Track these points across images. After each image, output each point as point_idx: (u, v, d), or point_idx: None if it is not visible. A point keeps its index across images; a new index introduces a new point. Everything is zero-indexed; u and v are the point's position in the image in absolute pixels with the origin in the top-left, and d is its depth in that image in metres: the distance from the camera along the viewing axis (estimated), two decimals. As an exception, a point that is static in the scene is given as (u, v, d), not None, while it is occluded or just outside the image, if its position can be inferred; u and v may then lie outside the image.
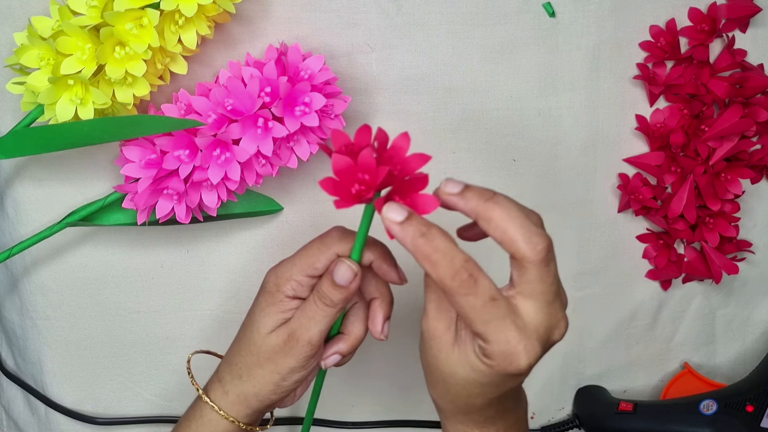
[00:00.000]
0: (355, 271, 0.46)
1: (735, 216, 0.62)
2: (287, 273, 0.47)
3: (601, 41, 0.60)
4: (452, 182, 0.40)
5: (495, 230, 0.39)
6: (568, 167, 0.62)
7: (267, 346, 0.48)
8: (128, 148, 0.52)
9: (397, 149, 0.41)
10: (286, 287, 0.47)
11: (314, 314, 0.46)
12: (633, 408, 0.62)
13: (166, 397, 0.64)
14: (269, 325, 0.48)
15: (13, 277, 0.62)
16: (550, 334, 0.40)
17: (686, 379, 0.65)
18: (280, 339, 0.47)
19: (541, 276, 0.39)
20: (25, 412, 0.66)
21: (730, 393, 0.61)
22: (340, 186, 0.39)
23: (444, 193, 0.40)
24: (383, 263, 0.47)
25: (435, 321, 0.42)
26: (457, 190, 0.40)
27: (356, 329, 0.49)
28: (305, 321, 0.47)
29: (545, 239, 0.39)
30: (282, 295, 0.48)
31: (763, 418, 0.59)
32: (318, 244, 0.47)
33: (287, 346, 0.47)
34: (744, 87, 0.59)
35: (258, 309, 0.49)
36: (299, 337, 0.47)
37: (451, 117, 0.60)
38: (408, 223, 0.39)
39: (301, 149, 0.54)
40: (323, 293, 0.46)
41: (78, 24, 0.48)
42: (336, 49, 0.58)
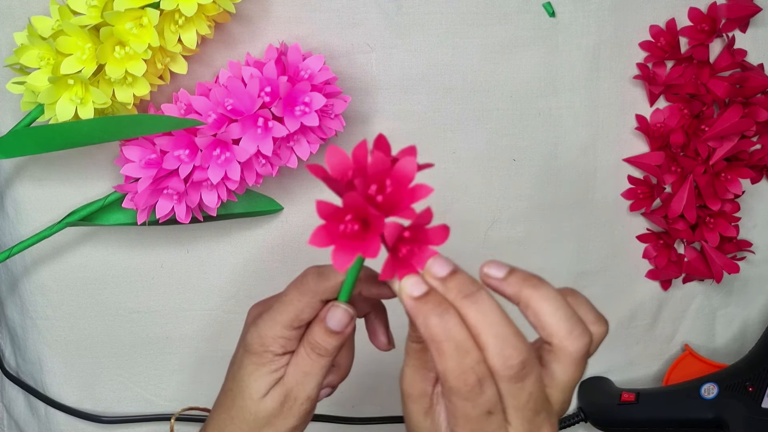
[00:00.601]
0: (352, 314, 0.42)
1: (735, 216, 0.62)
2: (271, 331, 0.42)
3: (601, 41, 0.60)
4: (496, 266, 0.37)
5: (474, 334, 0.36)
6: (568, 167, 0.62)
7: (263, 411, 0.43)
8: (128, 148, 0.52)
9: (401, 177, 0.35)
10: (274, 346, 0.43)
11: (310, 369, 0.42)
12: (635, 398, 0.62)
13: (166, 397, 0.64)
14: (262, 389, 0.43)
15: (13, 277, 0.62)
16: None
17: (687, 362, 0.65)
18: (276, 402, 0.43)
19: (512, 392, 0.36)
20: (26, 412, 0.66)
21: (730, 374, 0.61)
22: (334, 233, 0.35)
23: (487, 276, 0.37)
24: (371, 286, 0.44)
25: (409, 386, 0.39)
26: (501, 275, 0.37)
27: (345, 360, 0.47)
28: (301, 377, 0.43)
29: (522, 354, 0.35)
30: (270, 354, 0.43)
31: (763, 399, 0.59)
32: (296, 294, 0.42)
33: (285, 407, 0.43)
34: (744, 87, 0.59)
35: (245, 373, 0.43)
36: (297, 395, 0.43)
37: (451, 117, 0.60)
38: (425, 300, 0.36)
39: (301, 149, 0.54)
40: (316, 344, 0.42)
41: (78, 24, 0.48)
42: (336, 49, 0.58)
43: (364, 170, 0.35)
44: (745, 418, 0.59)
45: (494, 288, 0.37)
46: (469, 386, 0.35)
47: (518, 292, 0.37)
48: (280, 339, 0.43)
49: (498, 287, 0.37)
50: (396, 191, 0.35)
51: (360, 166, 0.35)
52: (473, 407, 0.35)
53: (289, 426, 0.44)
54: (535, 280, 0.37)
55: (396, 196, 0.35)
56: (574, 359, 0.37)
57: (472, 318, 0.36)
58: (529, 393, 0.36)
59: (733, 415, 0.59)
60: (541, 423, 0.37)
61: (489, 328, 0.35)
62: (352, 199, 0.34)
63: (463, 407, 0.36)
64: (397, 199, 0.35)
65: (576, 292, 0.39)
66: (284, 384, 0.43)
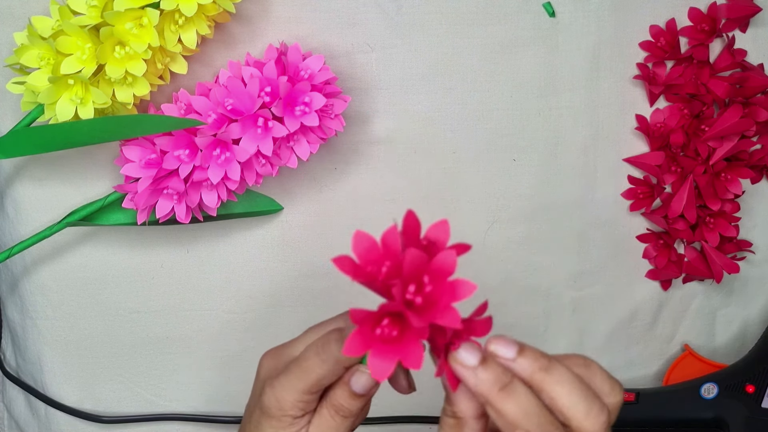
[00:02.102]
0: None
1: (735, 216, 0.62)
2: (290, 396, 0.41)
3: (601, 41, 0.60)
4: (504, 344, 0.36)
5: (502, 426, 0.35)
6: (568, 167, 0.62)
7: None
8: (128, 147, 0.52)
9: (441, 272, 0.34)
10: (293, 410, 0.41)
11: (334, 430, 0.42)
12: (635, 398, 0.62)
13: (166, 397, 0.64)
14: None
15: (13, 277, 0.62)
16: None
17: (687, 362, 0.65)
18: None
19: None
20: (26, 412, 0.66)
21: (730, 374, 0.61)
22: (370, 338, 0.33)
23: (495, 355, 0.36)
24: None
25: None
26: (511, 356, 0.36)
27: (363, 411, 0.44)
28: None
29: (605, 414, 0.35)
30: (290, 418, 0.41)
31: (764, 399, 0.59)
32: (318, 361, 0.41)
33: None
34: (744, 87, 0.59)
35: None
36: None
37: (451, 117, 0.60)
38: (484, 369, 0.35)
39: (301, 149, 0.54)
40: (341, 406, 0.41)
41: (78, 24, 0.48)
42: (336, 49, 0.58)
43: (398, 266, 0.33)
44: (745, 418, 0.59)
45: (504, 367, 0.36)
46: None
47: (530, 376, 0.36)
48: (299, 403, 0.41)
49: (508, 367, 0.36)
50: (436, 288, 0.33)
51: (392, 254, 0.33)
52: None
53: None
54: (545, 361, 0.36)
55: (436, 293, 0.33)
56: None
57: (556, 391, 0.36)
58: None
59: (733, 415, 0.59)
60: None
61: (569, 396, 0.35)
62: (392, 307, 0.32)
63: None
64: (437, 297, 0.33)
65: (588, 361, 0.38)
66: None
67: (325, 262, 0.62)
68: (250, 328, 0.63)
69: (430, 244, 0.34)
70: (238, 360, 0.63)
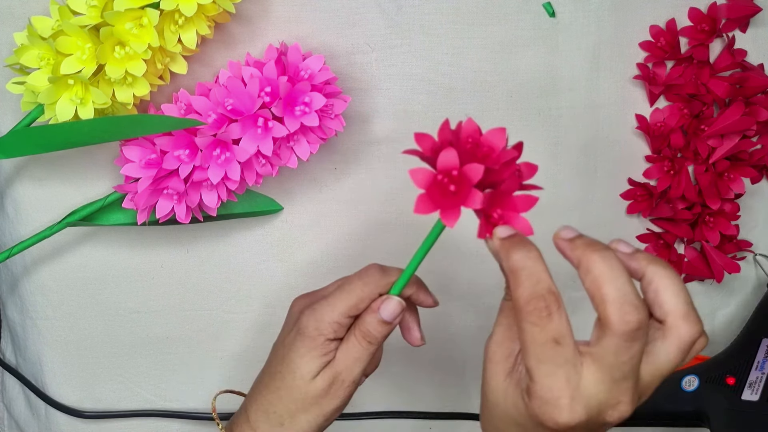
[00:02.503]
0: (404, 306, 0.46)
1: (735, 215, 0.62)
2: (328, 316, 0.46)
3: (601, 41, 0.60)
4: (568, 229, 0.40)
5: (591, 284, 0.37)
6: (568, 167, 0.62)
7: (312, 392, 0.47)
8: (128, 148, 0.52)
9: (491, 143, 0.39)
10: (328, 331, 0.47)
11: (360, 355, 0.47)
12: None
13: (165, 397, 0.64)
14: (313, 370, 0.47)
15: (13, 277, 0.62)
16: (602, 410, 0.37)
17: None
18: (326, 383, 0.47)
19: (617, 348, 0.36)
20: (26, 412, 0.66)
21: (711, 366, 0.61)
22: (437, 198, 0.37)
23: (557, 237, 0.40)
24: (420, 292, 0.48)
25: (496, 345, 0.41)
26: (569, 236, 0.39)
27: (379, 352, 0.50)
28: (351, 363, 0.47)
29: (640, 313, 0.36)
30: (323, 338, 0.47)
31: (744, 391, 0.59)
32: (360, 284, 0.47)
33: (332, 388, 0.47)
34: (744, 87, 0.59)
35: (296, 355, 0.47)
36: (344, 378, 0.47)
37: (451, 117, 0.60)
38: (510, 239, 0.38)
39: (301, 149, 0.54)
40: (368, 332, 0.46)
41: (78, 24, 0.48)
42: (336, 49, 0.58)
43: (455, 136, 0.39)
44: (725, 411, 0.58)
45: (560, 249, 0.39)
46: (537, 309, 0.37)
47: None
48: (335, 324, 0.46)
49: (563, 248, 0.39)
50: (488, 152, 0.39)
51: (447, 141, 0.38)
52: (541, 332, 0.37)
53: (333, 407, 0.48)
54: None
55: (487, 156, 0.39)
56: (681, 342, 0.38)
57: (598, 269, 0.37)
58: (630, 355, 0.37)
59: (713, 407, 0.59)
60: (623, 390, 0.37)
61: (613, 281, 0.37)
62: (450, 156, 0.37)
63: (531, 332, 0.37)
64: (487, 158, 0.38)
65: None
66: (334, 367, 0.47)
67: (325, 261, 0.62)
68: (250, 328, 0.63)
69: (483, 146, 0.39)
70: (238, 360, 0.63)
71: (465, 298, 0.63)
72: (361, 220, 0.61)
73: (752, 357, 0.60)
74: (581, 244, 0.38)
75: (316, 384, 0.47)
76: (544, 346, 0.37)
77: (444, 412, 0.66)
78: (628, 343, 0.36)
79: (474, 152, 0.39)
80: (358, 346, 0.47)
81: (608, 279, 0.37)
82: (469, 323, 0.64)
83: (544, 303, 0.37)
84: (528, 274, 0.37)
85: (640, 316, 0.36)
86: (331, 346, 0.47)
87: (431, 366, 0.65)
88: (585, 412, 0.37)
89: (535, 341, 0.37)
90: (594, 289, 0.37)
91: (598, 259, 0.37)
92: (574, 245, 0.39)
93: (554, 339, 0.37)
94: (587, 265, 0.37)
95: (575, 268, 0.38)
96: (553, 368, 0.37)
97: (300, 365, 0.47)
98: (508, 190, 0.39)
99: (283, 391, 0.47)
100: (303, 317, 0.47)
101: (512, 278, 0.38)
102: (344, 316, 0.46)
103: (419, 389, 0.66)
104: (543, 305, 0.37)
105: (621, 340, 0.36)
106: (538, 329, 0.37)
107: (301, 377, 0.47)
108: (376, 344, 0.47)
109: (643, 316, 0.36)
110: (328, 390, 0.47)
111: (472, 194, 0.37)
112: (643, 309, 0.37)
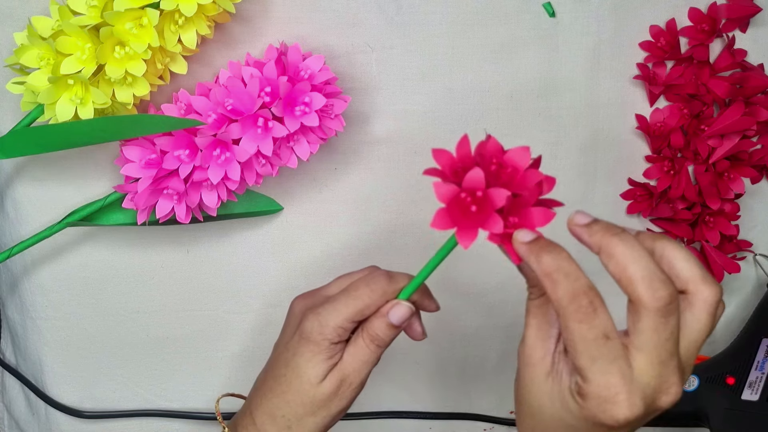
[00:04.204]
0: (413, 311, 0.47)
1: (735, 215, 0.62)
2: (333, 321, 0.46)
3: (601, 41, 0.60)
4: (581, 214, 0.39)
5: (615, 267, 0.37)
6: (568, 167, 0.62)
7: (320, 395, 0.47)
8: (128, 148, 0.52)
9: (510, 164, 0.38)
10: (333, 335, 0.46)
11: (368, 357, 0.47)
12: None
13: (165, 397, 0.64)
14: (319, 374, 0.47)
15: (13, 277, 0.62)
16: (656, 396, 0.37)
17: None
18: (333, 386, 0.47)
19: (656, 326, 0.36)
20: (26, 412, 0.66)
21: (711, 365, 0.61)
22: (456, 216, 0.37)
23: (572, 223, 0.39)
24: (424, 298, 0.49)
25: (531, 348, 0.40)
26: (584, 222, 0.39)
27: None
28: (359, 365, 0.47)
29: (669, 287, 0.36)
30: (327, 342, 0.46)
31: (743, 391, 0.59)
32: (367, 291, 0.46)
33: (340, 390, 0.47)
34: (744, 87, 0.59)
35: (302, 360, 0.47)
36: (352, 381, 0.47)
37: (451, 117, 0.60)
38: (535, 242, 0.38)
39: (301, 149, 0.54)
40: (376, 335, 0.46)
41: (78, 24, 0.48)
42: (336, 49, 0.58)
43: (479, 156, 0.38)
44: (725, 410, 0.58)
45: (577, 236, 0.39)
46: (582, 307, 0.36)
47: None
48: (339, 329, 0.46)
49: (581, 234, 0.39)
50: (512, 173, 0.38)
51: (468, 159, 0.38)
52: (589, 329, 0.36)
53: (341, 407, 0.48)
54: (617, 229, 0.38)
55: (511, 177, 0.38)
56: (708, 305, 0.38)
57: (620, 252, 0.37)
58: (670, 331, 0.36)
59: (713, 406, 0.59)
60: (672, 370, 0.37)
61: (637, 261, 0.36)
62: (477, 176, 0.37)
63: (579, 330, 0.36)
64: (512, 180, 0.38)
65: None
66: (341, 370, 0.47)
67: (325, 261, 0.62)
68: (250, 328, 0.63)
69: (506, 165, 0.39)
70: (238, 360, 0.63)
71: (465, 297, 0.63)
72: (361, 220, 0.61)
73: (752, 357, 0.60)
74: (599, 229, 0.38)
75: (324, 387, 0.47)
76: (596, 343, 0.36)
77: (444, 412, 0.66)
78: (665, 319, 0.36)
79: (498, 173, 0.38)
80: (366, 350, 0.47)
81: (632, 259, 0.36)
82: (469, 323, 0.64)
83: (587, 299, 0.37)
84: (565, 274, 0.37)
85: (670, 289, 0.36)
86: (336, 348, 0.47)
87: (431, 366, 0.65)
88: (643, 403, 0.37)
89: (585, 339, 0.36)
90: (619, 271, 0.37)
91: (618, 242, 0.37)
92: (591, 231, 0.38)
93: (604, 334, 0.36)
94: (608, 249, 0.37)
95: (595, 253, 0.38)
96: (607, 365, 0.36)
97: (306, 369, 0.47)
98: (527, 202, 0.39)
99: (289, 395, 0.47)
100: (306, 321, 0.47)
101: (548, 280, 0.37)
102: (349, 322, 0.46)
103: (419, 389, 0.66)
104: (587, 301, 0.37)
105: (657, 316, 0.36)
106: (586, 326, 0.36)
107: (308, 381, 0.47)
108: (384, 347, 0.47)
109: (673, 289, 0.36)
110: (336, 392, 0.47)
111: (492, 218, 0.37)
112: (671, 283, 0.36)
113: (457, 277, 0.62)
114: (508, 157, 0.39)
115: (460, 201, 0.37)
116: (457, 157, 0.38)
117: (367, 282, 0.47)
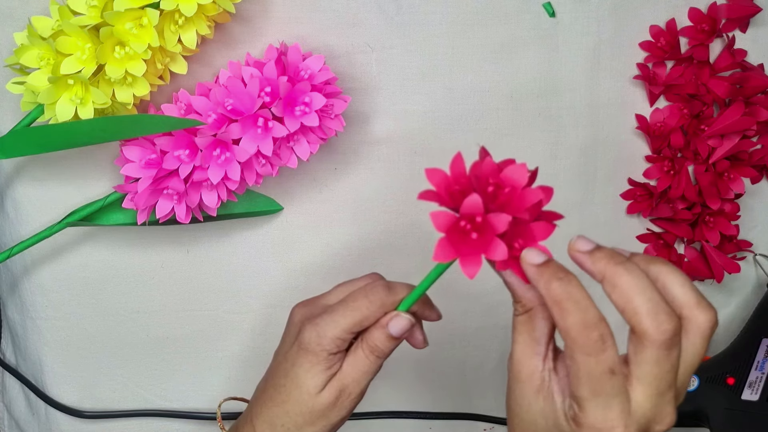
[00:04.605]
0: (413, 323, 0.46)
1: (735, 215, 0.62)
2: (331, 332, 0.46)
3: (601, 41, 0.60)
4: (583, 240, 0.39)
5: (619, 297, 0.36)
6: (568, 167, 0.62)
7: (319, 405, 0.47)
8: (128, 148, 0.52)
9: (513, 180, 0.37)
10: (331, 346, 0.46)
11: (367, 368, 0.47)
12: None
13: (165, 397, 0.64)
14: (318, 385, 0.46)
15: (13, 277, 0.62)
16: (650, 426, 0.37)
17: None
18: (333, 396, 0.47)
19: (658, 359, 0.36)
20: (26, 412, 0.66)
21: (711, 365, 0.61)
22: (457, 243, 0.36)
23: (573, 249, 0.39)
24: (425, 308, 0.48)
25: (519, 364, 0.40)
26: (587, 249, 0.38)
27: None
28: (358, 376, 0.47)
29: (673, 320, 0.36)
30: (326, 353, 0.46)
31: (743, 391, 0.59)
32: (366, 302, 0.46)
33: (339, 400, 0.47)
34: (744, 87, 0.59)
35: (301, 370, 0.47)
36: (351, 391, 0.47)
37: (451, 117, 0.60)
38: (546, 267, 0.37)
39: (301, 149, 0.54)
40: (376, 347, 0.46)
41: (78, 24, 0.48)
42: (336, 49, 0.58)
43: (475, 177, 0.37)
44: (725, 410, 0.58)
45: (579, 263, 0.38)
46: (592, 340, 0.36)
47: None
48: (337, 340, 0.46)
49: (583, 262, 0.38)
50: (510, 193, 0.37)
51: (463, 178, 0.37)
52: (596, 363, 0.36)
53: (340, 417, 0.48)
54: (621, 258, 0.38)
55: (510, 198, 0.37)
56: (703, 331, 0.37)
57: (625, 282, 0.36)
58: (672, 363, 0.36)
59: (713, 406, 0.59)
60: (668, 401, 0.37)
61: (643, 293, 0.36)
62: (475, 202, 0.35)
63: (586, 363, 0.36)
64: (510, 200, 0.37)
65: None
66: (340, 380, 0.47)
67: (325, 261, 0.62)
68: (250, 328, 0.63)
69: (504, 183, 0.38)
70: (238, 360, 0.63)
71: (465, 298, 0.63)
72: (361, 220, 0.61)
73: (752, 357, 0.60)
74: (602, 257, 0.37)
75: (323, 397, 0.47)
76: (601, 378, 0.36)
77: (444, 412, 0.66)
78: (668, 351, 0.36)
79: (496, 194, 0.37)
80: (366, 360, 0.46)
81: (637, 291, 0.36)
82: (469, 324, 0.64)
83: (598, 333, 0.36)
84: (575, 303, 0.36)
85: (674, 322, 0.36)
86: (335, 359, 0.47)
87: (431, 366, 0.65)
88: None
89: (590, 373, 0.36)
90: (624, 302, 0.36)
91: (623, 271, 0.36)
92: (594, 258, 0.38)
93: (610, 369, 0.36)
94: (613, 279, 0.37)
95: (597, 281, 0.38)
96: (607, 399, 0.36)
97: (305, 380, 0.47)
98: (528, 218, 0.38)
99: (289, 405, 0.47)
100: (305, 331, 0.47)
101: (557, 308, 0.37)
102: (347, 333, 0.46)
103: (419, 389, 0.66)
104: (597, 335, 0.36)
105: (660, 350, 0.36)
106: (593, 360, 0.36)
107: (307, 392, 0.47)
108: (384, 358, 0.47)
109: (677, 321, 0.36)
110: (335, 402, 0.47)
111: (495, 244, 0.36)
112: (675, 315, 0.36)
113: (457, 277, 0.62)
114: (505, 176, 0.37)
115: (460, 229, 0.36)
116: (452, 176, 0.37)
117: (366, 293, 0.46)
